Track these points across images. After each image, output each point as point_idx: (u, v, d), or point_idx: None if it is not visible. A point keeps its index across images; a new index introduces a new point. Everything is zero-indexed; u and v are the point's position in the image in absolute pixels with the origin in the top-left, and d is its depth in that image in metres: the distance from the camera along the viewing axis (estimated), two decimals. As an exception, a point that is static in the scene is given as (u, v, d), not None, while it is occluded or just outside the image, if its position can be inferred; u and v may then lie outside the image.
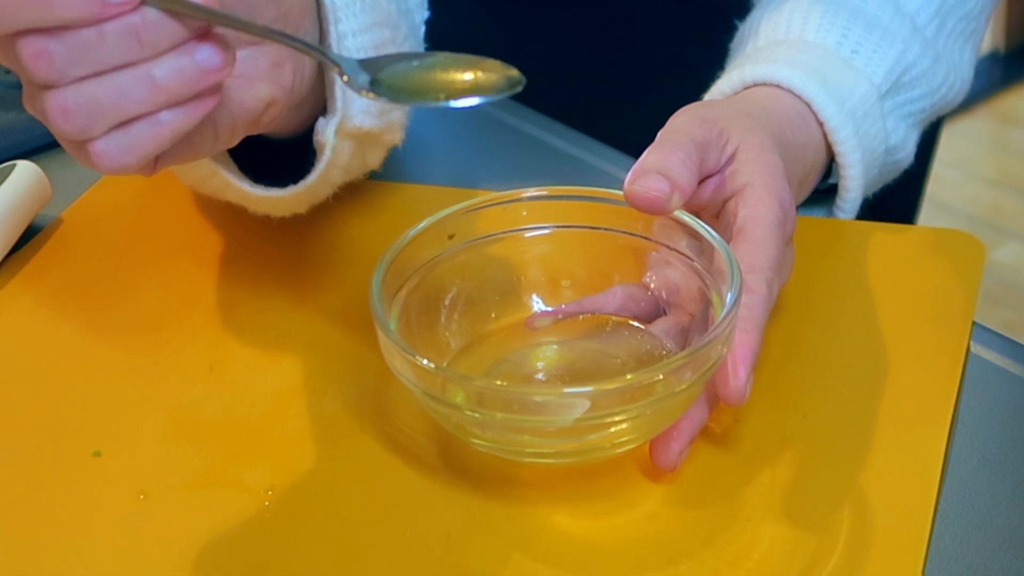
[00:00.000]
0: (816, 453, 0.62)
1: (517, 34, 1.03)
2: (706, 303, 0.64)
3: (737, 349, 0.60)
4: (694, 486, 0.61)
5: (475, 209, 0.67)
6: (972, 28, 0.82)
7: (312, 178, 0.70)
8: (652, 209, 0.63)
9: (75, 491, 0.65)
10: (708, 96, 0.77)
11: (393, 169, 0.84)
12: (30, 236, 0.82)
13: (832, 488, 0.61)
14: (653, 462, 0.61)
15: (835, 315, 0.71)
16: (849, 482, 0.61)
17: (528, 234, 0.68)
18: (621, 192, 0.63)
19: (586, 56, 1.03)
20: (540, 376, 0.66)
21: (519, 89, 0.56)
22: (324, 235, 0.80)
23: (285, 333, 0.73)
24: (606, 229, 0.67)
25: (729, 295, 0.59)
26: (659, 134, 0.65)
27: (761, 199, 0.64)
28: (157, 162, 0.57)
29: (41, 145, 0.90)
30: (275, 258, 0.78)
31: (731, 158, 0.66)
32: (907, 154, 0.80)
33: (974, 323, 0.69)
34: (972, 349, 0.68)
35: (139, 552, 0.61)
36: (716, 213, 0.66)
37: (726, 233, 0.65)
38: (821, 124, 0.74)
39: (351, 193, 0.81)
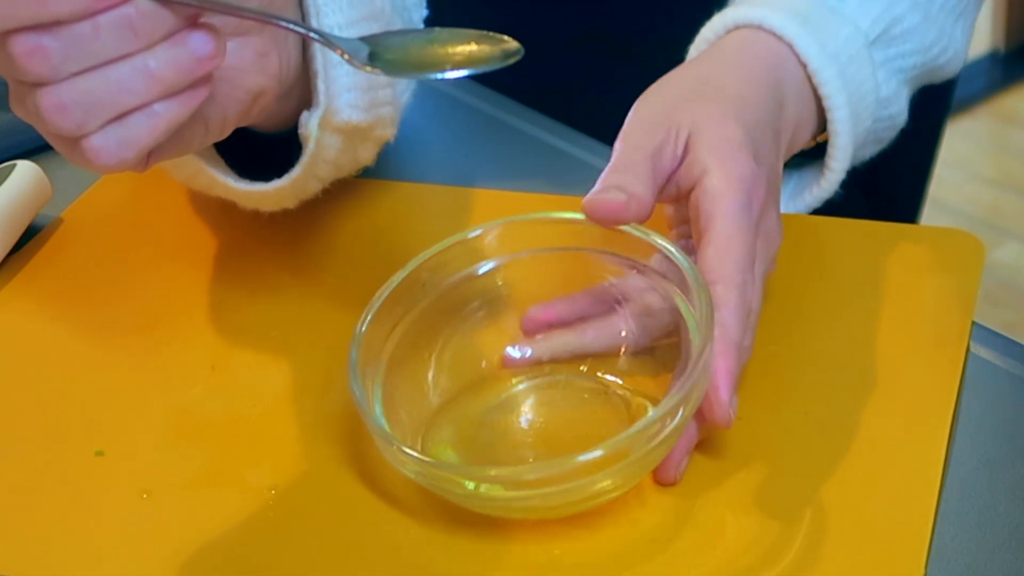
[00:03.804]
0: (816, 452, 0.63)
1: (516, 33, 1.02)
2: (681, 325, 0.64)
3: (717, 374, 0.60)
4: (694, 483, 0.61)
5: (442, 251, 0.67)
6: (963, 7, 0.81)
7: (296, 172, 0.69)
8: (612, 217, 0.63)
9: (78, 491, 0.65)
10: (693, 46, 0.76)
11: (391, 168, 0.84)
12: (30, 236, 0.82)
13: (832, 488, 0.61)
14: (654, 478, 0.61)
15: (835, 314, 0.71)
16: (850, 482, 0.61)
17: (481, 269, 0.68)
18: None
19: (586, 55, 1.03)
20: (525, 431, 0.66)
21: (516, 59, 0.56)
22: (325, 235, 0.80)
23: (287, 333, 0.73)
24: (580, 249, 0.67)
25: (697, 349, 0.59)
26: (615, 148, 0.65)
27: (719, 190, 0.63)
28: (150, 157, 0.57)
29: (41, 145, 0.90)
30: (277, 258, 0.78)
31: (687, 146, 0.65)
32: (900, 109, 0.78)
33: (974, 323, 0.69)
34: (972, 349, 0.68)
35: (141, 551, 0.61)
36: (685, 203, 0.66)
37: (694, 229, 0.64)
38: (804, 66, 0.72)
39: (351, 193, 0.81)
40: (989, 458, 0.63)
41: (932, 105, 1.04)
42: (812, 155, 0.76)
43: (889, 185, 0.98)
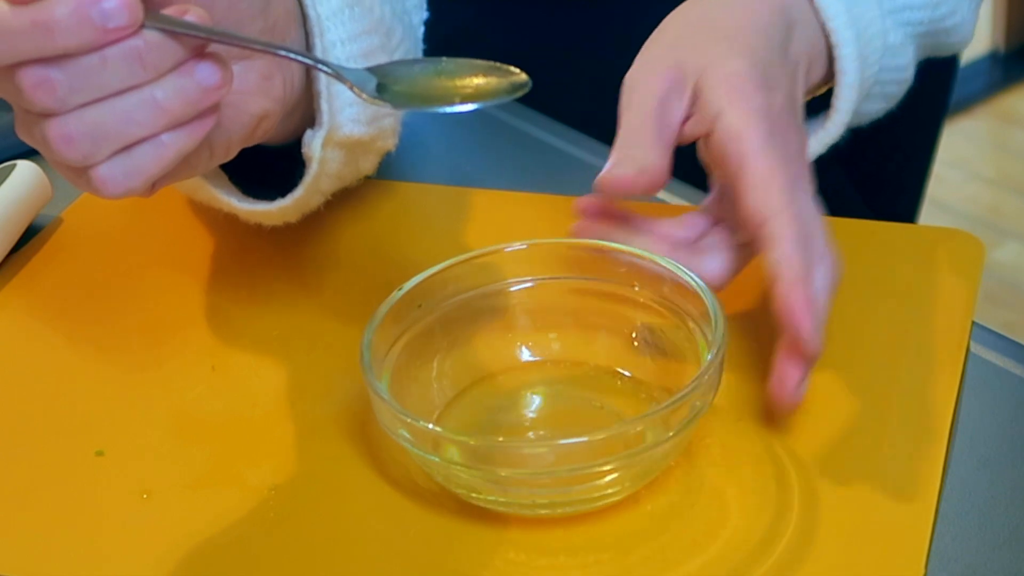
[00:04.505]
0: (816, 451, 0.63)
1: (516, 34, 1.03)
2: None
3: (793, 310, 0.60)
4: (692, 480, 0.61)
5: (467, 261, 0.67)
6: None
7: (299, 192, 0.70)
8: (621, 189, 0.63)
9: (78, 491, 0.65)
10: None
11: (392, 169, 0.84)
12: (30, 236, 0.82)
13: (833, 487, 0.61)
14: (773, 396, 0.62)
15: (835, 314, 0.70)
16: (850, 481, 0.61)
17: (513, 288, 0.68)
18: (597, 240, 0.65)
19: (585, 56, 1.03)
20: (529, 428, 0.66)
21: (524, 92, 0.56)
22: (326, 235, 0.80)
23: (287, 332, 0.73)
24: (586, 278, 0.67)
25: (711, 353, 0.59)
26: (621, 103, 0.66)
27: (738, 128, 0.63)
28: (155, 183, 0.56)
29: (42, 145, 0.91)
30: (277, 258, 0.78)
31: (696, 90, 0.65)
32: (908, 63, 0.78)
33: (974, 323, 0.70)
34: (972, 349, 0.69)
35: (142, 551, 0.61)
36: (708, 150, 0.66)
37: (723, 175, 0.64)
38: (811, 1, 0.72)
39: (351, 193, 0.81)
40: (988, 458, 0.63)
41: (932, 105, 1.04)
42: (816, 108, 0.75)
43: (889, 185, 0.98)
